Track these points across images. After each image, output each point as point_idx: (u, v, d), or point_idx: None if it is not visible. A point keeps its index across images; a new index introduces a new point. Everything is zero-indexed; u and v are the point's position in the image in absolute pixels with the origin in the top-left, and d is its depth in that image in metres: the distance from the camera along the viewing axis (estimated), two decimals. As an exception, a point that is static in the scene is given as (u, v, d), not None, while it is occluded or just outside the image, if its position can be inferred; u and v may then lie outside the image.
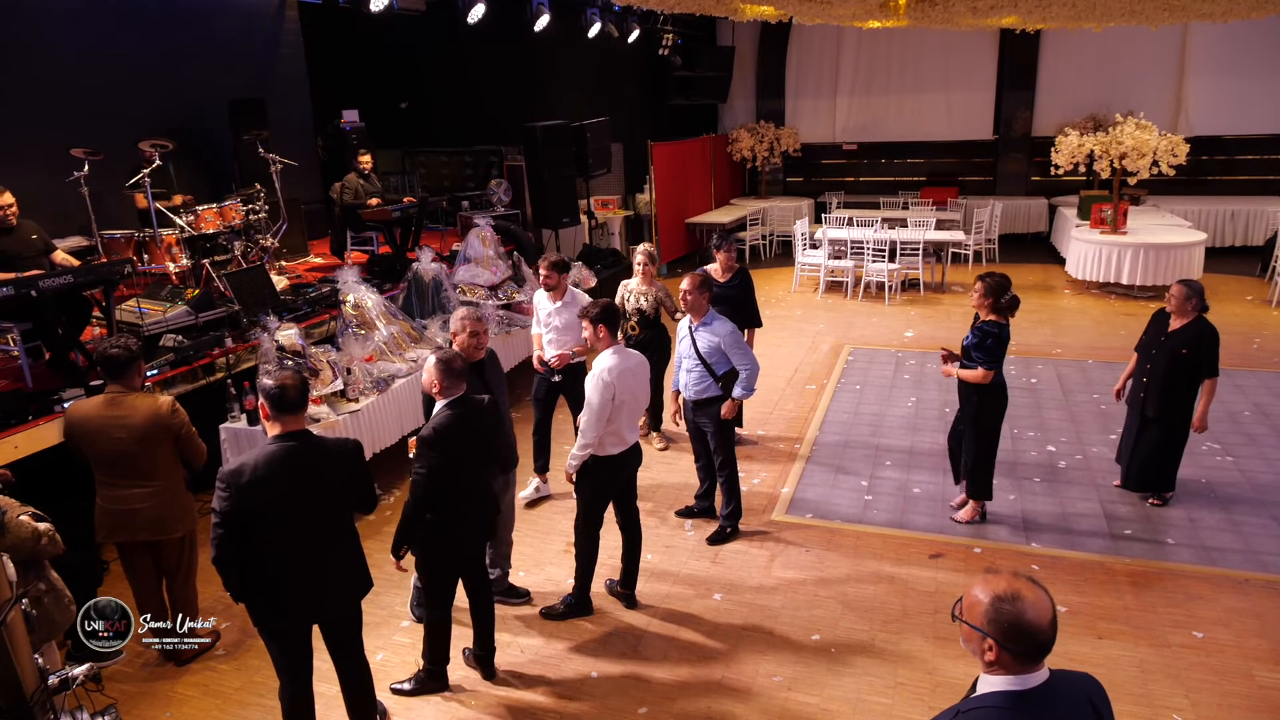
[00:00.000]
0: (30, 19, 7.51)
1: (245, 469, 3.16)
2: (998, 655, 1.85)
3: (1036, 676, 1.85)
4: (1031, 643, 1.83)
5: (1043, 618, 1.83)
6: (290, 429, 3.26)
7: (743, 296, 6.32)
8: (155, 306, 6.24)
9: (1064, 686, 1.90)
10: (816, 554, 5.22)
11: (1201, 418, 5.36)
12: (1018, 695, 1.83)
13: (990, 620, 1.85)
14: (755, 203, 14.77)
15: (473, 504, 3.94)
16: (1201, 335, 5.24)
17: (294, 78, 10.43)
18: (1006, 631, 1.83)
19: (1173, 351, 5.30)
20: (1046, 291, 11.28)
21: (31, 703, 2.34)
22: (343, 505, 3.46)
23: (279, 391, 3.22)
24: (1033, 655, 1.84)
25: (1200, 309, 5.27)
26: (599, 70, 12.75)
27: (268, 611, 3.37)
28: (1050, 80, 14.08)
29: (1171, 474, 5.63)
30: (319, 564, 3.37)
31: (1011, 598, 1.84)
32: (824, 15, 8.15)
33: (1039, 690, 1.84)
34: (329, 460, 3.34)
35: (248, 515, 3.17)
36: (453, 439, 3.71)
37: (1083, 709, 1.91)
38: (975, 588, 1.91)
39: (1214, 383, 5.28)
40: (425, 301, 7.07)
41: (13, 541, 3.09)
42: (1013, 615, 1.82)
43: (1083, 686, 1.97)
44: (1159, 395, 5.39)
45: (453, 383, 3.77)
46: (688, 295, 5.05)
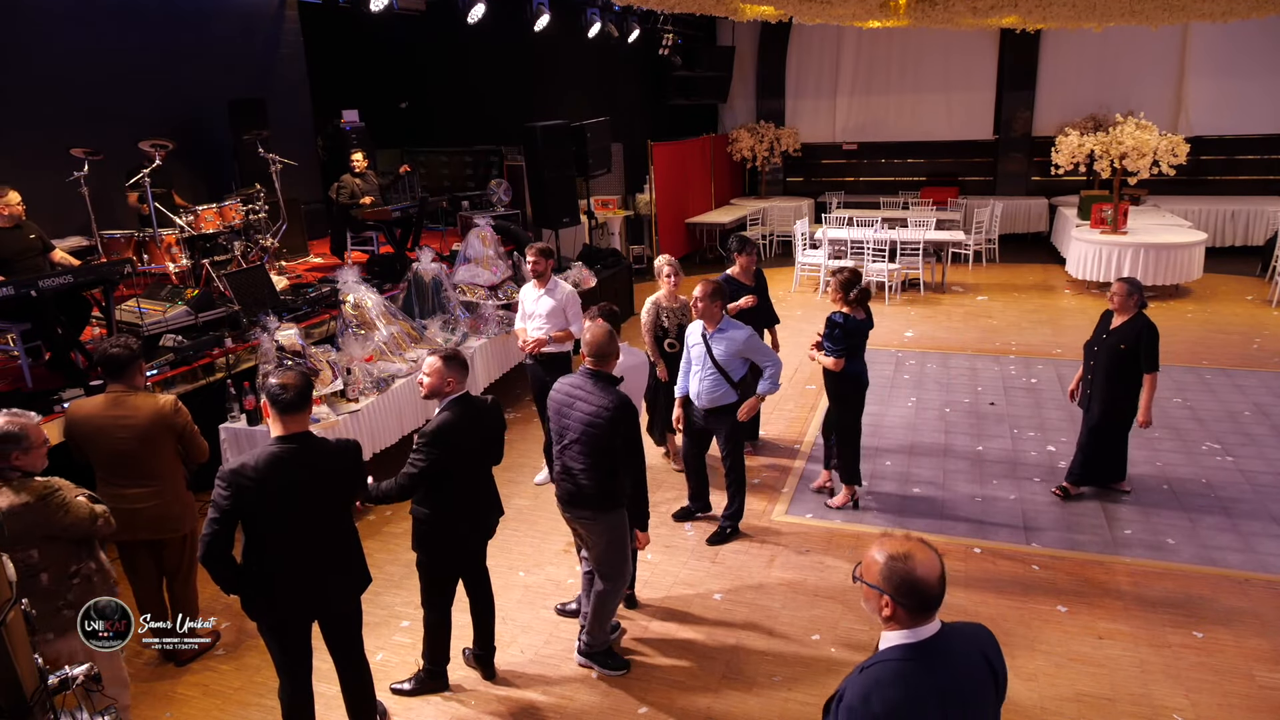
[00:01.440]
0: (30, 19, 7.51)
1: (246, 468, 3.17)
2: (893, 611, 2.00)
3: (929, 629, 2.01)
4: (922, 597, 1.98)
5: (932, 574, 1.99)
6: (293, 429, 3.27)
7: (763, 298, 6.34)
8: (155, 306, 6.24)
9: (955, 636, 2.06)
10: (816, 554, 5.22)
11: (1145, 411, 5.43)
12: (912, 647, 1.99)
13: (885, 578, 1.99)
14: (755, 203, 14.77)
15: (474, 503, 3.93)
16: (1140, 331, 5.33)
17: (294, 78, 10.43)
18: (900, 588, 1.98)
19: (1113, 348, 5.40)
20: (1047, 291, 11.28)
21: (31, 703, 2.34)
22: (342, 503, 3.47)
23: (281, 391, 3.22)
24: (924, 609, 1.99)
25: (1141, 305, 5.39)
26: (599, 70, 12.74)
27: (267, 608, 3.37)
28: (1050, 80, 14.08)
29: (1121, 464, 5.74)
30: (318, 561, 3.38)
31: (904, 557, 1.99)
32: (824, 15, 8.15)
33: (931, 641, 2.00)
34: (330, 462, 3.35)
35: (247, 514, 3.18)
36: (457, 436, 3.71)
37: (973, 656, 2.07)
38: (872, 549, 2.06)
39: (1155, 377, 5.37)
40: (425, 301, 7.06)
41: (72, 520, 3.21)
42: (905, 572, 1.97)
43: (974, 636, 2.13)
44: (1102, 391, 5.50)
45: (460, 378, 3.79)
46: (699, 303, 5.03)
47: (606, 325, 4.05)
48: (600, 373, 3.91)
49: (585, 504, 3.98)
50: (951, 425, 7.09)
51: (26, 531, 3.14)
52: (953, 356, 8.83)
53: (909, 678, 1.95)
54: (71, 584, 3.27)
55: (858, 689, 1.97)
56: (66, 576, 3.26)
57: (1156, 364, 5.34)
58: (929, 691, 1.95)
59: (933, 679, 1.97)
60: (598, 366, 3.92)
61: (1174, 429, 6.82)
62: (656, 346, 5.96)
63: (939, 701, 1.95)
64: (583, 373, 3.94)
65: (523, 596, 4.89)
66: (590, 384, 3.89)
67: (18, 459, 3.18)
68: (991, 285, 11.66)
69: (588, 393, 3.88)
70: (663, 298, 5.96)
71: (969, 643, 2.09)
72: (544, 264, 5.84)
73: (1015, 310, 10.43)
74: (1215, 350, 8.66)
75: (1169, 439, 6.64)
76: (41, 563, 3.21)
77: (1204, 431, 6.75)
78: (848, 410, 5.57)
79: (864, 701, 1.94)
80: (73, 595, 3.25)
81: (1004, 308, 10.56)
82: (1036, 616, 4.54)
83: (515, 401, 7.81)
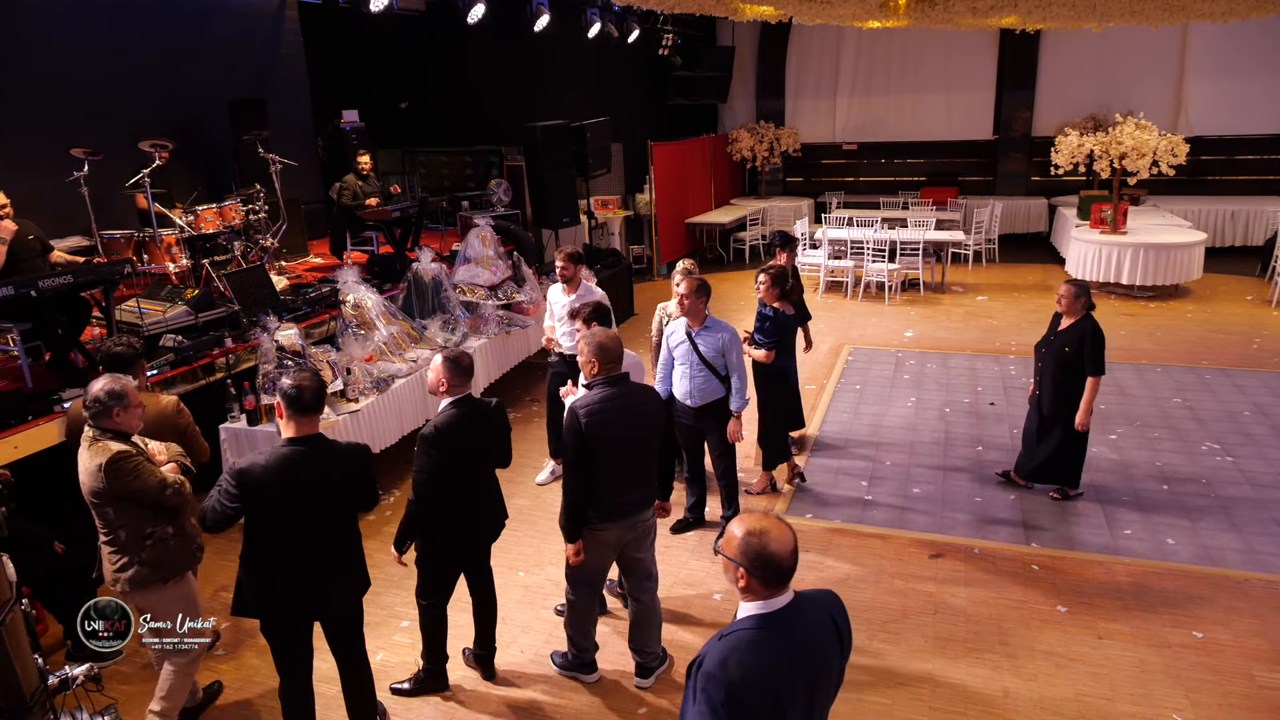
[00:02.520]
0: (30, 19, 7.51)
1: (256, 468, 3.18)
2: (748, 582, 2.14)
3: (782, 599, 2.17)
4: (775, 570, 2.13)
5: (785, 549, 2.14)
6: (305, 431, 3.27)
7: (799, 297, 6.30)
8: (155, 306, 6.24)
9: (806, 606, 2.22)
10: (816, 554, 5.22)
11: (1084, 414, 5.41)
12: (765, 617, 2.14)
13: (742, 552, 2.14)
14: (755, 203, 14.77)
15: (475, 503, 3.93)
16: (1084, 334, 5.33)
17: (294, 78, 10.43)
18: (755, 561, 2.12)
19: (1060, 350, 5.41)
20: (1046, 291, 11.27)
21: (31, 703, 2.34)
22: (349, 506, 3.49)
23: (296, 392, 3.22)
24: (776, 581, 2.15)
25: (1088, 308, 5.40)
26: (599, 70, 12.74)
27: (270, 608, 3.38)
28: (1050, 80, 14.08)
29: (1077, 471, 5.72)
30: (323, 563, 3.39)
31: (760, 533, 2.14)
32: (824, 15, 8.15)
33: (784, 610, 2.16)
34: (339, 465, 3.35)
35: (253, 513, 3.19)
36: (455, 437, 3.71)
37: (822, 620, 2.24)
38: (732, 525, 2.20)
39: (1098, 381, 5.37)
40: (425, 301, 7.06)
41: (140, 486, 3.40)
42: (760, 547, 2.12)
43: (822, 602, 2.30)
44: (1051, 393, 5.51)
45: (460, 381, 3.78)
46: (685, 300, 4.96)
47: (612, 332, 4.00)
48: (623, 375, 3.84)
49: (650, 502, 3.97)
50: (951, 425, 7.09)
51: (102, 489, 3.37)
52: (953, 356, 8.83)
53: (763, 644, 2.11)
54: (145, 544, 3.49)
55: (716, 655, 2.09)
56: (141, 537, 3.49)
57: (1101, 367, 5.35)
58: (781, 656, 2.11)
59: (785, 644, 2.13)
60: (614, 371, 3.81)
61: (1174, 429, 6.82)
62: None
63: (790, 664, 2.12)
64: (606, 383, 3.77)
65: (523, 596, 4.89)
66: (626, 389, 3.80)
67: (119, 415, 3.40)
68: (991, 285, 11.66)
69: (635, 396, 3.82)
70: (673, 307, 5.64)
71: (818, 608, 2.25)
72: (572, 269, 5.80)
73: (1015, 310, 10.44)
74: (1215, 350, 8.66)
75: (1169, 439, 6.65)
76: (118, 520, 3.45)
77: (1204, 431, 6.75)
78: (774, 398, 5.75)
79: (722, 667, 2.07)
80: (146, 555, 3.50)
81: (1004, 308, 10.56)
82: (1036, 616, 4.54)
83: (515, 401, 7.81)
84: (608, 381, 3.76)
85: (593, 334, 3.86)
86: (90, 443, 3.40)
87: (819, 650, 2.20)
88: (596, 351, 3.76)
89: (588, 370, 3.81)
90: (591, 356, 3.77)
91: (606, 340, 3.81)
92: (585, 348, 3.80)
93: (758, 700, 2.06)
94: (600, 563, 3.99)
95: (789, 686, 2.11)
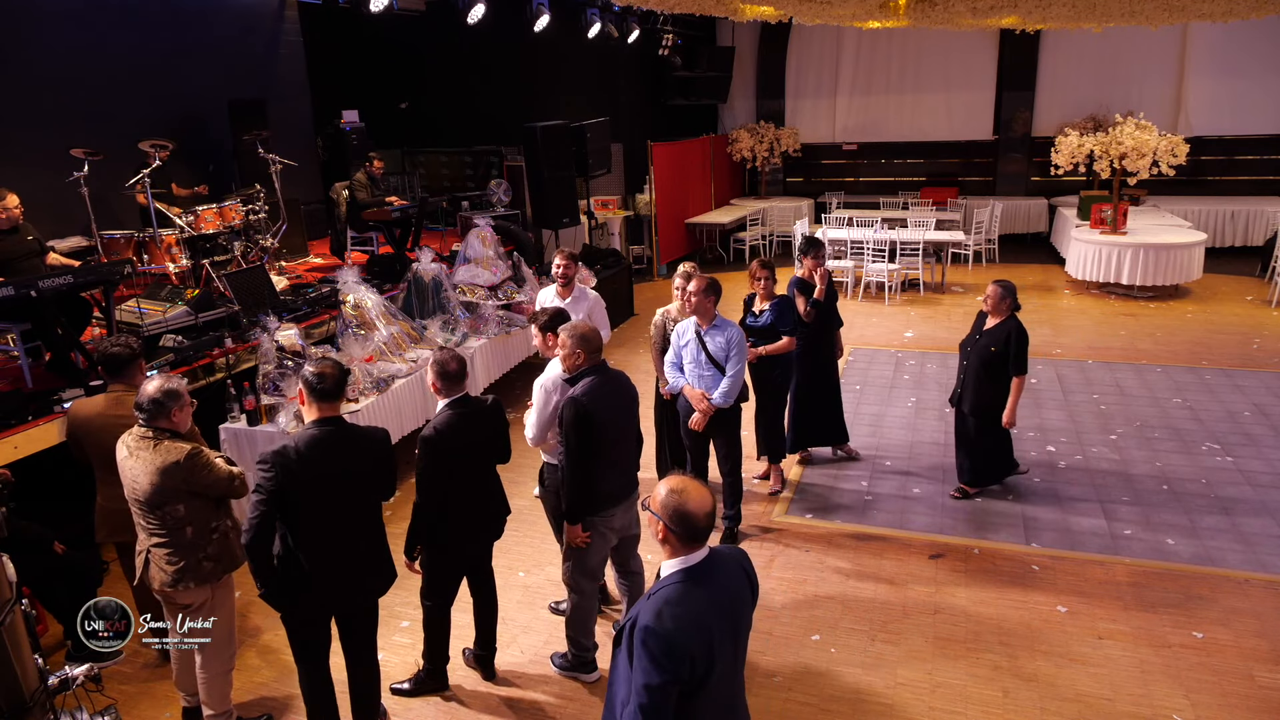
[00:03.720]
0: (30, 19, 7.52)
1: (289, 449, 3.24)
2: (665, 535, 2.36)
3: (699, 555, 2.38)
4: (690, 526, 2.34)
5: (700, 509, 2.34)
6: (327, 414, 3.36)
7: (831, 302, 6.17)
8: (155, 307, 6.24)
9: (719, 558, 2.44)
10: (816, 554, 5.22)
11: (1010, 413, 5.48)
12: (687, 570, 2.36)
13: (664, 507, 2.36)
14: (755, 203, 14.76)
15: (477, 503, 3.93)
16: (1010, 334, 5.38)
17: (294, 78, 10.43)
18: (673, 516, 2.34)
19: (984, 349, 5.46)
20: (1046, 292, 11.28)
21: (31, 703, 2.34)
22: (372, 491, 3.55)
23: (318, 379, 3.33)
24: (691, 537, 2.35)
25: (1014, 308, 5.46)
26: (599, 70, 12.74)
27: (298, 599, 3.41)
28: (1050, 80, 14.08)
29: (1005, 464, 5.82)
30: (350, 553, 3.45)
31: (680, 491, 2.37)
32: (824, 15, 8.16)
33: (702, 564, 2.38)
34: (364, 444, 3.45)
35: (290, 496, 3.22)
36: (453, 437, 3.71)
37: (734, 570, 2.48)
38: (659, 484, 2.43)
39: (1023, 380, 5.43)
40: (425, 302, 7.06)
41: (214, 479, 3.50)
42: (679, 504, 2.34)
43: (733, 555, 2.54)
44: (973, 392, 5.56)
45: (448, 385, 3.78)
46: (693, 297, 4.94)
47: (589, 323, 4.10)
48: (604, 363, 3.98)
49: (637, 482, 4.15)
50: (951, 425, 7.06)
51: (175, 488, 3.41)
52: (952, 357, 8.76)
53: (689, 595, 2.32)
54: (212, 538, 3.57)
55: (650, 610, 2.29)
56: (209, 531, 3.56)
57: (1024, 367, 5.42)
58: (705, 604, 2.33)
59: (707, 593, 2.35)
60: (596, 361, 3.94)
61: (1174, 429, 6.82)
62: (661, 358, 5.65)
63: (713, 610, 2.34)
64: (593, 372, 3.88)
65: (522, 597, 4.89)
66: (610, 374, 3.96)
67: (175, 414, 3.47)
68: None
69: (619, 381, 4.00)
70: (674, 310, 5.63)
71: (730, 560, 2.49)
72: (574, 268, 5.76)
73: (1015, 310, 10.43)
74: (1215, 350, 8.66)
75: (1169, 439, 6.65)
76: (187, 517, 3.49)
77: (1204, 431, 6.75)
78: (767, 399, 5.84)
79: (657, 618, 2.26)
80: (212, 549, 3.56)
81: (1004, 308, 10.55)
82: (1036, 616, 4.54)
83: (515, 401, 7.80)
84: (593, 370, 3.88)
85: (574, 326, 3.95)
86: (150, 444, 3.42)
87: (738, 599, 2.44)
88: (580, 343, 3.88)
89: (572, 362, 3.89)
90: (576, 348, 3.87)
91: (588, 331, 3.92)
92: (568, 340, 3.88)
93: (695, 648, 2.25)
94: (605, 551, 4.11)
95: (718, 633, 2.31)
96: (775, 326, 5.59)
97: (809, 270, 6.06)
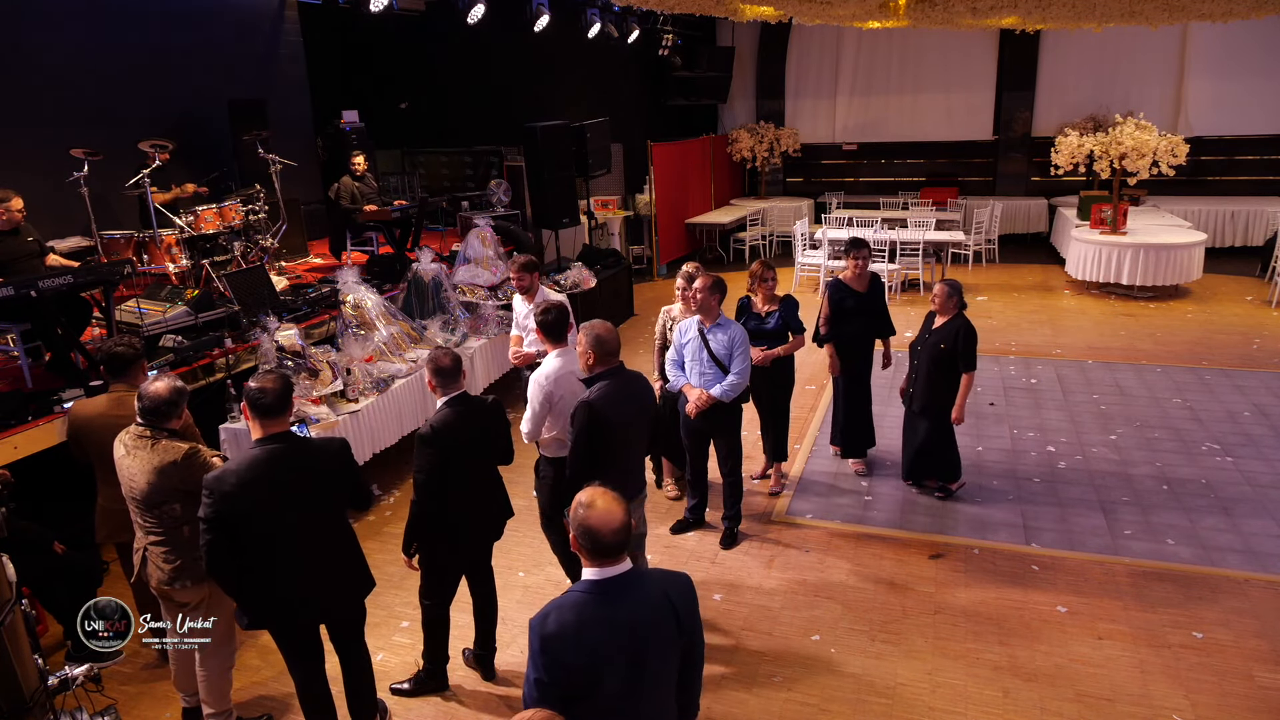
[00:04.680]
0: (30, 19, 7.52)
1: (228, 475, 3.14)
2: (577, 546, 2.30)
3: (615, 569, 2.30)
4: (594, 541, 2.26)
5: (606, 526, 2.25)
6: (272, 431, 3.24)
7: (881, 307, 6.01)
8: (155, 307, 6.24)
9: (640, 582, 2.34)
10: (816, 554, 5.22)
11: (959, 409, 5.52)
12: (596, 583, 2.29)
13: (572, 518, 2.31)
14: (755, 203, 14.76)
15: (476, 502, 3.93)
16: (958, 331, 5.43)
17: (294, 78, 10.44)
18: (578, 529, 2.28)
19: (934, 347, 5.51)
20: (1046, 292, 11.28)
21: (31, 703, 2.34)
22: (333, 504, 3.44)
23: (259, 395, 3.20)
24: (597, 552, 2.27)
25: (960, 307, 5.51)
26: (599, 70, 12.75)
27: (270, 614, 3.38)
28: (1050, 80, 14.08)
29: (953, 463, 5.81)
30: (316, 565, 3.36)
31: (587, 504, 2.29)
32: (824, 15, 8.16)
33: (614, 581, 2.29)
34: (314, 460, 3.33)
35: (234, 520, 3.13)
36: (451, 436, 3.71)
37: (656, 597, 2.34)
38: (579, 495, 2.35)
39: (971, 377, 5.47)
40: (425, 302, 7.07)
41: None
42: (583, 518, 2.27)
43: (663, 580, 2.41)
44: (924, 389, 5.61)
45: (445, 381, 3.77)
46: (698, 294, 4.93)
47: (608, 324, 3.95)
48: (620, 366, 3.89)
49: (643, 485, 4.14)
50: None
51: (172, 487, 3.43)
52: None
53: (584, 607, 2.27)
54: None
55: (544, 609, 2.29)
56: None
57: (973, 364, 5.46)
58: (599, 622, 2.25)
59: (606, 611, 2.26)
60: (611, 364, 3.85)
61: (1174, 429, 6.82)
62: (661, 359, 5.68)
63: (607, 629, 2.25)
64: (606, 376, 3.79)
65: (522, 597, 4.89)
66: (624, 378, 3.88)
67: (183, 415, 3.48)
68: (991, 286, 11.66)
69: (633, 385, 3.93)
70: (677, 310, 5.62)
71: (656, 586, 2.37)
72: (528, 278, 5.58)
73: (1015, 310, 10.44)
74: (1215, 350, 8.66)
75: (1169, 439, 6.65)
76: (184, 516, 3.48)
77: (1204, 431, 6.75)
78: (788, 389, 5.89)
79: (543, 620, 2.25)
80: None
81: (1004, 308, 10.56)
82: (1036, 616, 4.54)
83: (516, 402, 7.80)
84: (607, 375, 3.81)
85: (590, 325, 3.86)
86: (148, 443, 3.42)
87: (646, 625, 2.30)
88: (594, 344, 3.79)
89: (584, 362, 3.83)
90: (589, 348, 3.80)
91: (604, 332, 3.82)
92: (583, 339, 3.82)
93: (568, 657, 2.22)
94: None
95: (606, 651, 2.24)
96: (786, 327, 5.57)
97: (854, 270, 5.85)
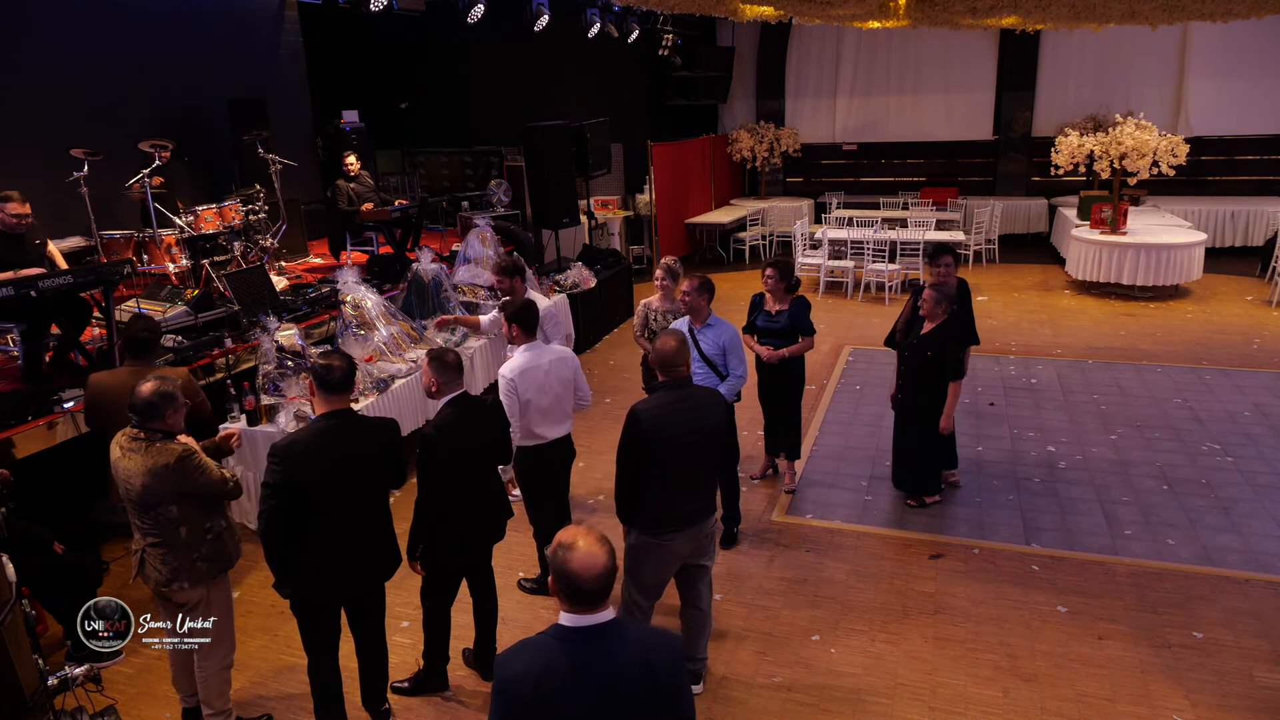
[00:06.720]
0: (30, 19, 7.51)
1: (297, 443, 3.32)
2: (554, 589, 2.12)
3: (595, 618, 2.10)
4: (569, 587, 2.07)
5: (586, 571, 2.06)
6: (335, 407, 3.43)
7: (965, 313, 5.80)
8: (155, 307, 6.25)
9: (624, 636, 2.14)
10: (816, 554, 5.22)
11: (947, 417, 5.42)
12: (569, 630, 2.10)
13: (551, 559, 2.12)
14: (755, 203, 14.77)
15: (476, 502, 3.93)
16: (945, 339, 5.35)
17: (294, 78, 10.43)
18: (556, 572, 2.09)
19: (921, 354, 5.43)
20: (1046, 292, 11.28)
21: (31, 703, 2.34)
22: (379, 481, 3.62)
23: (325, 371, 3.39)
24: (574, 598, 2.08)
25: (949, 313, 5.42)
26: (599, 70, 12.75)
27: (306, 586, 3.47)
28: (1050, 80, 14.08)
29: (935, 477, 5.74)
30: (357, 540, 3.51)
31: (567, 546, 2.09)
32: (824, 16, 8.16)
33: (589, 631, 2.09)
34: (371, 436, 3.51)
35: (297, 488, 3.28)
36: (453, 436, 3.71)
37: (633, 657, 2.12)
38: (559, 534, 2.16)
39: (959, 385, 5.40)
40: (425, 302, 7.06)
41: (207, 481, 3.48)
42: (561, 562, 2.08)
43: (646, 641, 2.19)
44: (914, 397, 5.53)
45: (449, 378, 3.79)
46: (686, 296, 4.96)
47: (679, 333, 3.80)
48: (685, 378, 3.72)
49: (713, 510, 3.84)
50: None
51: (168, 490, 3.40)
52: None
53: (550, 653, 2.08)
54: (206, 539, 3.56)
55: (510, 650, 2.14)
56: (203, 532, 3.55)
57: (961, 373, 5.41)
58: (563, 672, 2.06)
59: (572, 663, 2.07)
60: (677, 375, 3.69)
61: (1174, 429, 6.82)
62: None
63: (575, 684, 2.06)
64: (667, 386, 3.66)
65: (522, 597, 4.89)
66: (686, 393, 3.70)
67: (170, 416, 3.44)
68: (991, 285, 11.66)
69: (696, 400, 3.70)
70: (655, 300, 5.70)
71: (636, 644, 2.15)
72: (508, 282, 5.43)
73: (1015, 310, 10.43)
74: (1215, 350, 8.66)
75: (1169, 439, 6.65)
76: (180, 518, 3.48)
77: (1204, 431, 6.75)
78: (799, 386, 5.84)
79: (505, 663, 2.11)
80: (206, 549, 3.55)
81: (1004, 308, 10.56)
82: (1036, 616, 4.54)
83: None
84: (669, 385, 3.67)
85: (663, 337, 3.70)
86: (143, 445, 3.41)
87: (612, 682, 2.10)
88: (654, 352, 3.75)
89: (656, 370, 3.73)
90: (654, 359, 3.74)
91: (663, 345, 3.66)
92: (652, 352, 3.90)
93: (529, 704, 2.04)
94: (666, 574, 3.82)
95: (572, 708, 2.06)
96: (795, 327, 5.57)
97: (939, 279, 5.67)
